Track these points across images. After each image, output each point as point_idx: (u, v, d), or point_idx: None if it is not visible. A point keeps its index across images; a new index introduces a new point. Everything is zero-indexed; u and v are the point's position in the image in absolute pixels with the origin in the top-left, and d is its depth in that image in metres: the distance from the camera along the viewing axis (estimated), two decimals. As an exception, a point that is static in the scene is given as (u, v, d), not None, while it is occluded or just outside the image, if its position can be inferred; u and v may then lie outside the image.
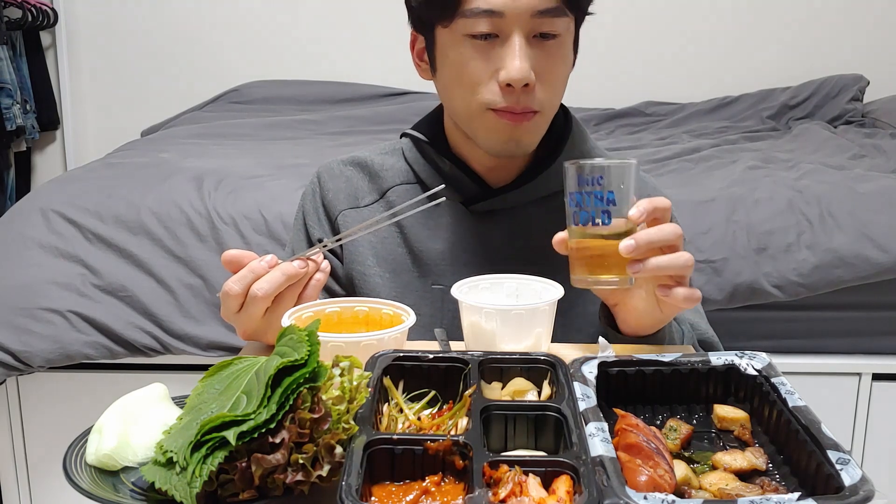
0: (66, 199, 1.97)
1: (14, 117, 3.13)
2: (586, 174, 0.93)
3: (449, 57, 1.09)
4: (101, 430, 0.75)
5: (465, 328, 0.98)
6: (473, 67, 1.06)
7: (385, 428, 0.76)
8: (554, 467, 0.66)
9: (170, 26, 3.42)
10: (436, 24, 1.09)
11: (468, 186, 1.18)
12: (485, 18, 1.03)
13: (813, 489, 0.68)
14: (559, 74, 1.09)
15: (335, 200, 1.23)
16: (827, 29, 3.30)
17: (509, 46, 1.03)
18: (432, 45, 1.12)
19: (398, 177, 1.22)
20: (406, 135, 1.24)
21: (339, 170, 1.24)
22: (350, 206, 1.22)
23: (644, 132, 2.93)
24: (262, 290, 0.95)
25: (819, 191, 1.98)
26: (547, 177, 1.17)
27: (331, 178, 1.24)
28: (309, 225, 1.24)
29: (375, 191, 1.22)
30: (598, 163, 0.95)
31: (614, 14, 3.24)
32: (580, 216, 0.94)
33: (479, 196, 1.18)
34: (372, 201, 1.22)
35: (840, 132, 2.78)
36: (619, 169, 0.94)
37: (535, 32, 1.05)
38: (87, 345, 1.87)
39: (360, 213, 1.21)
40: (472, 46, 1.05)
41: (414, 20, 1.15)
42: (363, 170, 1.24)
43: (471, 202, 1.18)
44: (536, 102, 1.07)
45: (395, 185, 1.22)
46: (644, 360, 0.84)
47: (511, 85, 1.04)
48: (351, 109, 3.05)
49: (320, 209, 1.24)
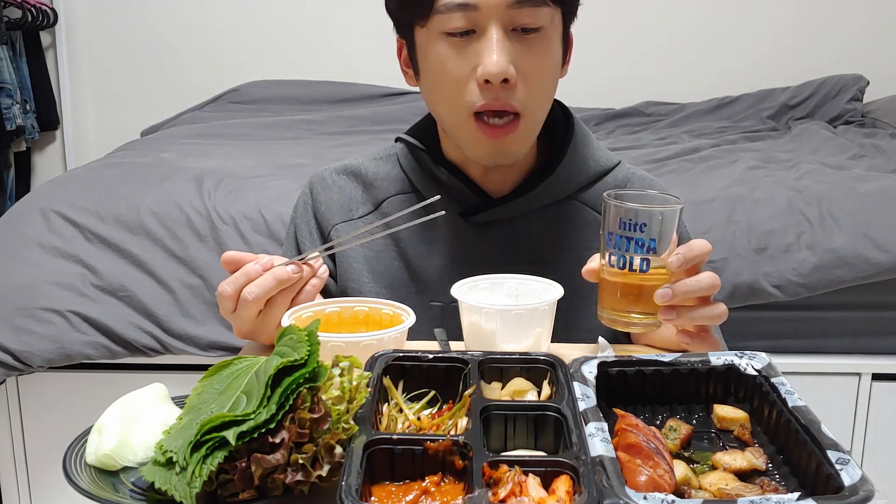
0: (66, 199, 1.97)
1: (14, 117, 3.13)
2: (628, 218, 0.88)
3: (429, 59, 1.06)
4: (101, 430, 0.75)
5: (465, 328, 0.98)
6: (452, 67, 1.03)
7: (385, 428, 0.76)
8: (554, 467, 0.66)
9: (170, 26, 3.42)
10: (414, 24, 1.07)
11: (466, 196, 1.15)
12: (459, 13, 1.00)
13: (813, 489, 0.68)
14: (543, 71, 1.05)
15: (328, 213, 1.20)
16: (827, 29, 3.30)
17: (486, 40, 1.00)
18: (413, 48, 1.10)
19: (393, 186, 1.19)
20: (400, 139, 1.20)
21: (331, 180, 1.21)
22: (343, 218, 1.19)
23: (644, 132, 2.92)
24: (253, 294, 0.94)
25: (819, 191, 1.98)
26: (548, 185, 1.14)
27: (323, 190, 1.21)
28: (300, 241, 1.21)
29: (370, 201, 1.19)
30: (643, 209, 0.88)
31: (614, 14, 3.24)
32: (617, 259, 0.90)
33: (477, 207, 1.15)
34: (366, 212, 1.19)
35: (840, 132, 2.78)
36: (666, 215, 0.89)
37: (513, 25, 1.01)
38: (87, 345, 1.87)
39: (353, 225, 1.18)
40: (450, 45, 1.03)
41: (396, 25, 1.13)
42: (356, 179, 1.21)
43: (469, 212, 1.15)
44: (518, 102, 1.03)
45: (390, 196, 1.19)
46: (644, 360, 0.84)
47: (489, 81, 1.00)
48: (351, 109, 3.05)
49: (312, 223, 1.21)
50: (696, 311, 0.92)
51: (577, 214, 1.17)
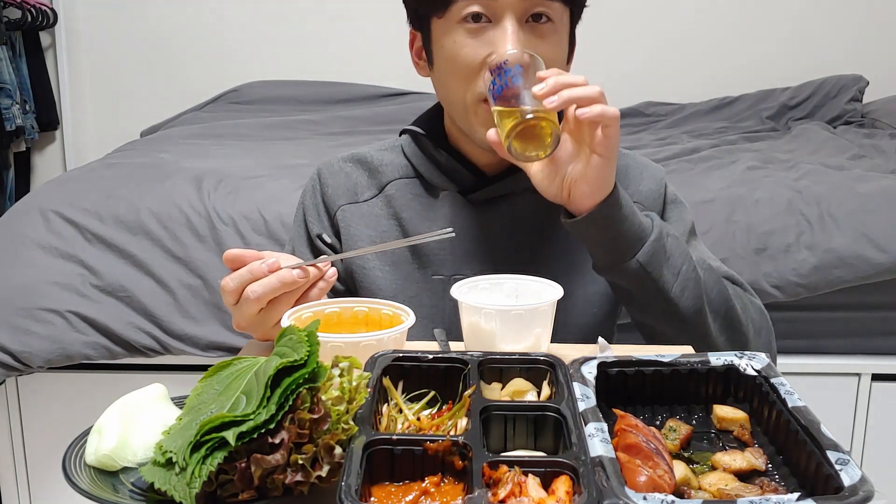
0: (66, 200, 1.97)
1: (13, 117, 3.13)
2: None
3: (444, 47, 1.11)
4: (100, 431, 0.75)
5: (465, 328, 0.98)
6: (466, 54, 1.08)
7: (384, 428, 0.76)
8: (553, 468, 0.66)
9: (170, 26, 3.42)
10: (432, 15, 1.12)
11: (465, 177, 1.19)
12: (477, 2, 1.06)
13: (812, 489, 0.68)
14: (553, 61, 1.09)
15: (334, 196, 1.24)
16: (827, 29, 3.30)
17: (501, 30, 1.06)
18: (429, 39, 1.14)
19: (397, 171, 1.24)
20: (405, 131, 1.26)
21: (338, 166, 1.26)
22: (349, 201, 1.23)
23: (644, 132, 2.93)
24: (255, 293, 0.95)
25: (818, 191, 1.98)
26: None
27: (330, 175, 1.25)
28: (308, 221, 1.25)
29: (374, 185, 1.24)
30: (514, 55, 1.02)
31: (614, 14, 3.24)
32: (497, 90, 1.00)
33: (475, 186, 1.19)
34: (371, 196, 1.23)
35: (839, 132, 2.78)
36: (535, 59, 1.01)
37: (527, 15, 1.07)
38: (87, 345, 1.87)
39: (358, 207, 1.23)
40: (466, 32, 1.08)
41: (411, 17, 1.18)
42: (362, 165, 1.25)
43: (468, 192, 1.20)
44: None
45: (393, 180, 1.23)
46: (643, 361, 0.84)
47: None
48: (351, 109, 3.05)
49: (320, 205, 1.25)
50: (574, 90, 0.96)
51: None
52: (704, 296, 1.10)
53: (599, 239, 1.05)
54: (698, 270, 1.10)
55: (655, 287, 1.06)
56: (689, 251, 1.11)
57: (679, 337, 1.10)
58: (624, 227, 1.04)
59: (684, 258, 1.09)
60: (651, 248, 1.05)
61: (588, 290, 1.18)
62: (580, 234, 1.06)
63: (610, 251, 1.05)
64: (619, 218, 1.03)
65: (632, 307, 1.13)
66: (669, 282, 1.06)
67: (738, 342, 1.15)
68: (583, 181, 1.01)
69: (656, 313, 1.10)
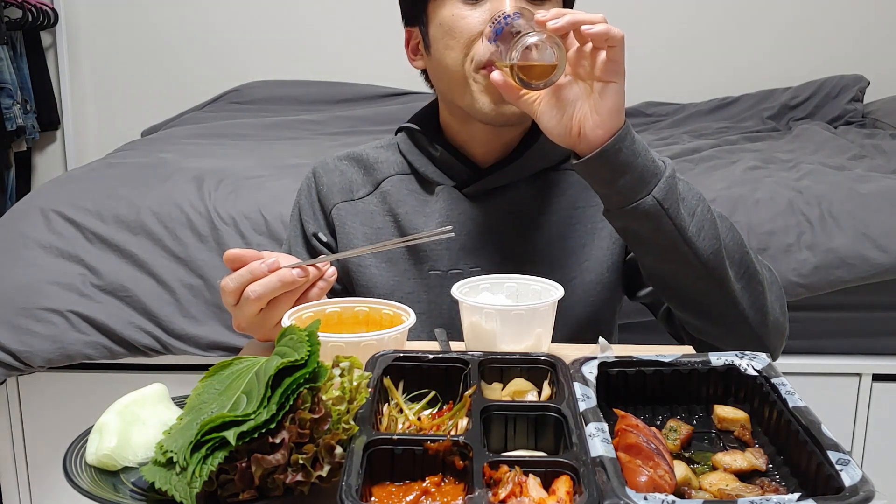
0: (67, 199, 1.97)
1: (14, 117, 3.13)
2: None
3: (443, 22, 1.11)
4: (101, 430, 0.75)
5: (466, 328, 0.98)
6: (466, 23, 1.09)
7: (385, 428, 0.76)
8: (554, 468, 0.66)
9: (170, 26, 3.42)
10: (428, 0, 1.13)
11: (460, 170, 1.20)
12: None
13: (813, 490, 0.68)
14: None
15: (329, 194, 1.24)
16: (827, 29, 3.29)
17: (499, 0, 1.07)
18: (426, 26, 1.14)
19: (392, 168, 1.24)
20: (401, 129, 1.26)
21: (333, 164, 1.26)
22: (344, 199, 1.24)
23: (644, 132, 2.92)
24: (255, 293, 0.95)
25: (819, 191, 1.98)
26: (533, 154, 1.19)
27: (326, 173, 1.26)
28: (304, 219, 1.26)
29: (370, 183, 1.24)
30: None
31: (614, 14, 3.23)
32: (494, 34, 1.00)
33: (471, 180, 1.20)
34: (366, 193, 1.24)
35: (840, 133, 2.78)
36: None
37: None
38: (88, 345, 1.87)
39: (354, 205, 1.23)
40: (464, 3, 1.09)
41: (406, 12, 1.19)
42: (358, 163, 1.26)
43: (464, 187, 1.20)
44: None
45: (389, 176, 1.24)
46: (644, 361, 0.84)
47: None
48: (351, 109, 3.05)
49: (315, 203, 1.26)
50: (578, 14, 0.97)
51: (562, 179, 1.22)
52: (721, 238, 1.04)
53: (612, 177, 0.98)
54: (713, 212, 1.05)
55: (672, 226, 0.99)
56: (702, 193, 1.05)
57: (696, 284, 1.04)
58: (638, 161, 0.98)
59: (698, 199, 1.04)
60: (666, 185, 0.99)
61: (585, 279, 1.18)
62: (592, 173, 0.99)
63: (624, 189, 0.98)
64: (632, 152, 0.97)
65: (647, 255, 1.07)
66: (686, 221, 1.00)
67: (754, 291, 1.09)
68: (593, 112, 0.96)
69: (673, 259, 1.02)
